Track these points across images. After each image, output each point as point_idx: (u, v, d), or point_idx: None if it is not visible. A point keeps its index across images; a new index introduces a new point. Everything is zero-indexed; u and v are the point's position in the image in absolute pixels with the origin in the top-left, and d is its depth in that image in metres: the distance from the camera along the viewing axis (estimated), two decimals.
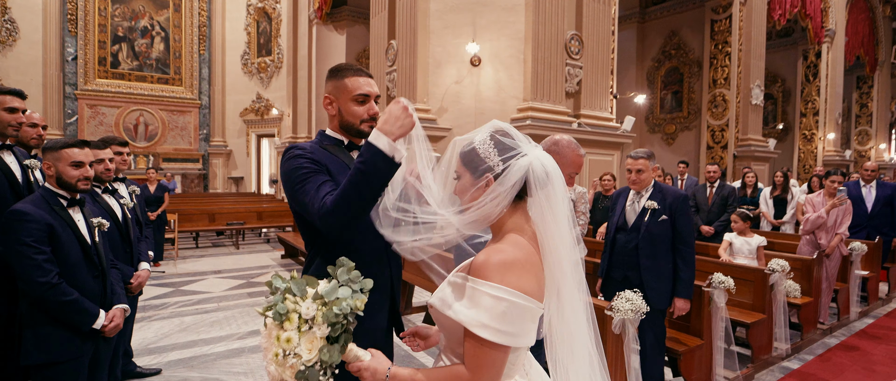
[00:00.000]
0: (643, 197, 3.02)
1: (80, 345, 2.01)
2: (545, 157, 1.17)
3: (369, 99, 1.58)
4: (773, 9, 11.28)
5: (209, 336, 4.43)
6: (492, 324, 1.03)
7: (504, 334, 1.03)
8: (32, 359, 1.91)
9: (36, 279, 1.87)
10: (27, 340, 1.92)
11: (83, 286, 2.03)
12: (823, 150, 13.91)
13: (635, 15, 12.70)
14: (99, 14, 15.16)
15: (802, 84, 14.11)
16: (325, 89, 1.63)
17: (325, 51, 13.03)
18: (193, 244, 9.65)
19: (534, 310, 1.07)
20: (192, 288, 6.16)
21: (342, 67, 1.60)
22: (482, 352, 1.05)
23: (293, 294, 1.05)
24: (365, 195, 1.32)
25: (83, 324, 2.00)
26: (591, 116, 7.19)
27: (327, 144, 1.60)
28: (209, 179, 16.99)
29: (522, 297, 1.05)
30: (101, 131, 15.05)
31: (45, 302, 1.92)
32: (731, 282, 3.16)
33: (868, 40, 16.00)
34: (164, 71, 16.29)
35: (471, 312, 1.05)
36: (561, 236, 1.14)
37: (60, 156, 2.05)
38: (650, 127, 12.72)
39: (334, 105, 1.60)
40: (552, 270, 1.14)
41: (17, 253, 1.87)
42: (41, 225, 1.92)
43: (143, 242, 3.05)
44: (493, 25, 6.87)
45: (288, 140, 14.00)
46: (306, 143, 1.58)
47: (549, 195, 1.14)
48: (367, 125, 1.58)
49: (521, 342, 1.08)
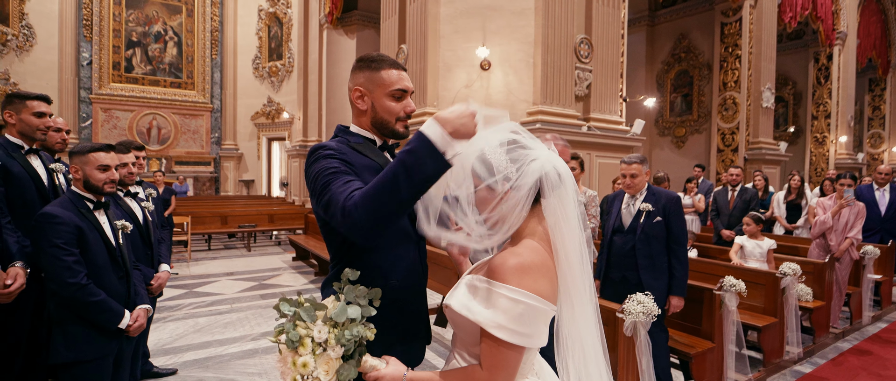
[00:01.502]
0: (638, 200, 3.15)
1: (106, 344, 2.08)
2: (556, 159, 1.18)
3: (406, 95, 1.41)
4: (783, 11, 11.22)
5: (223, 337, 4.51)
6: (509, 325, 1.06)
7: (520, 335, 1.07)
8: (61, 358, 1.97)
9: (66, 280, 1.94)
10: (56, 339, 1.98)
11: (109, 287, 2.10)
12: (835, 153, 13.77)
13: (644, 18, 12.68)
14: (113, 19, 15.43)
15: (814, 87, 13.99)
16: (353, 81, 1.44)
17: (335, 55, 13.15)
18: (205, 246, 9.77)
19: (548, 312, 1.10)
20: (205, 290, 6.25)
21: (377, 58, 1.41)
22: (498, 352, 1.08)
23: (302, 320, 1.05)
24: (402, 193, 1.11)
25: (110, 323, 2.07)
26: (600, 119, 7.20)
27: (355, 142, 1.41)
28: (220, 182, 17.19)
29: (538, 300, 1.08)
30: (115, 135, 15.30)
31: (74, 302, 1.98)
32: (742, 285, 3.17)
33: (880, 42, 15.83)
34: (176, 75, 16.53)
35: (488, 313, 1.08)
36: (573, 238, 1.16)
37: (88, 160, 2.12)
38: (660, 130, 12.68)
39: (366, 99, 1.41)
40: (564, 272, 1.16)
41: (48, 255, 1.94)
42: (71, 227, 1.98)
43: (163, 244, 3.12)
44: (503, 29, 6.92)
45: (299, 143, 14.13)
46: (332, 142, 1.40)
47: (562, 197, 1.15)
48: (402, 125, 1.42)
49: (536, 343, 1.11)
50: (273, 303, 5.37)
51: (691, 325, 3.35)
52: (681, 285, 3.00)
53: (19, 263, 2.17)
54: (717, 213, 5.81)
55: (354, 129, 1.46)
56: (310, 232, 8.53)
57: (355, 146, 1.39)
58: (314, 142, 13.87)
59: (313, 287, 6.43)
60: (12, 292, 2.09)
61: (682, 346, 3.15)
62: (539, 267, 1.11)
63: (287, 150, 15.28)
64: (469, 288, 1.16)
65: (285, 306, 1.08)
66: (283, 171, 16.95)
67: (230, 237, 10.98)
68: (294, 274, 7.28)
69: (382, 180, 1.13)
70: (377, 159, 1.39)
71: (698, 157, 11.43)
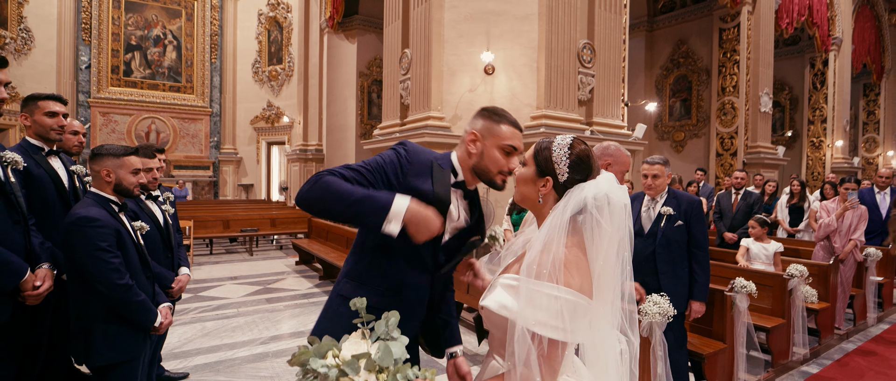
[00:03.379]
0: (658, 203, 3.06)
1: (142, 343, 2.10)
2: (609, 187, 1.22)
3: (515, 153, 1.52)
4: (780, 17, 11.36)
5: (232, 341, 4.50)
6: (550, 322, 1.09)
7: (560, 330, 1.09)
8: (104, 359, 1.98)
9: (116, 282, 1.94)
10: (97, 341, 1.97)
11: (142, 287, 2.11)
12: (832, 157, 13.91)
13: (643, 24, 12.80)
14: (112, 23, 15.41)
15: (810, 92, 14.15)
16: (472, 125, 1.55)
17: (336, 59, 13.19)
18: (207, 251, 9.74)
19: (585, 306, 1.13)
20: (210, 294, 6.24)
21: (501, 112, 1.54)
22: (544, 352, 1.10)
23: (344, 376, 0.93)
24: (345, 209, 1.35)
25: (149, 322, 2.09)
26: (603, 123, 7.26)
27: (442, 164, 1.55)
28: (219, 186, 17.15)
29: (576, 294, 1.11)
30: (114, 139, 15.25)
31: (121, 303, 1.99)
32: (753, 287, 3.21)
33: (875, 48, 16.03)
34: (175, 79, 16.51)
35: (528, 311, 1.10)
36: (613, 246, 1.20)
37: (123, 163, 2.13)
38: (659, 134, 12.77)
39: (478, 144, 1.52)
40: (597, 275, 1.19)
41: (94, 258, 1.93)
42: (111, 230, 1.99)
43: (182, 247, 3.13)
44: (506, 34, 6.97)
45: (299, 147, 14.12)
46: (423, 149, 1.57)
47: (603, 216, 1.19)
48: (502, 178, 1.53)
49: (577, 338, 1.14)
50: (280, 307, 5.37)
51: (703, 326, 3.38)
52: (703, 291, 2.94)
53: (46, 264, 2.18)
54: (720, 216, 5.86)
55: (453, 158, 1.59)
56: (313, 236, 8.53)
57: (435, 167, 1.53)
58: (315, 146, 13.89)
59: (318, 291, 6.44)
60: (41, 294, 2.10)
61: (694, 347, 3.18)
62: (574, 263, 1.15)
63: (287, 154, 15.28)
64: (506, 288, 1.18)
65: (317, 362, 0.93)
66: (282, 175, 16.93)
67: (231, 242, 10.96)
68: (298, 278, 7.28)
69: (348, 189, 1.37)
70: (439, 187, 1.51)
71: (697, 161, 11.52)
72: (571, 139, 1.28)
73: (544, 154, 1.28)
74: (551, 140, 1.29)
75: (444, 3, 7.08)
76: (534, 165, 1.30)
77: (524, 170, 1.33)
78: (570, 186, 1.25)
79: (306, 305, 5.75)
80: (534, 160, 1.30)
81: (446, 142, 6.67)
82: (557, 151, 1.26)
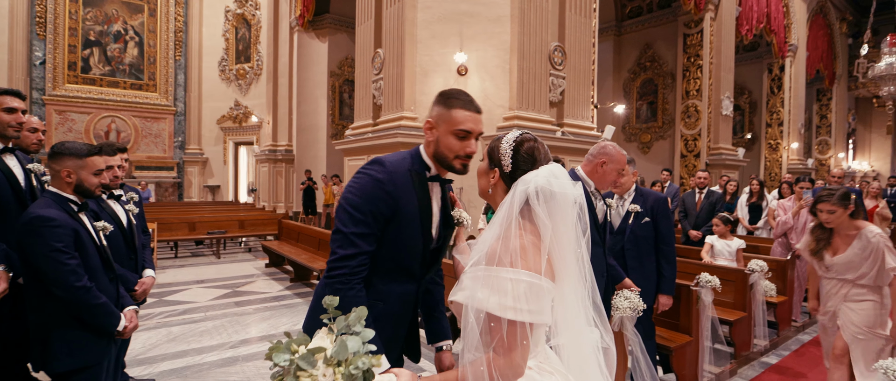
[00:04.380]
0: (626, 201, 3.16)
1: (105, 348, 2.02)
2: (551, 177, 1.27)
3: (470, 136, 1.49)
4: (741, 24, 11.84)
5: (200, 346, 4.37)
6: (516, 305, 1.14)
7: (527, 312, 1.14)
8: (64, 365, 1.89)
9: (73, 284, 1.86)
10: (56, 346, 1.89)
11: (103, 289, 2.03)
12: (788, 158, 14.58)
13: (612, 28, 13.12)
14: (69, 17, 14.74)
15: (768, 96, 14.80)
16: (430, 112, 1.55)
17: (306, 58, 12.99)
18: (172, 254, 9.42)
19: (549, 288, 1.19)
20: (175, 298, 6.04)
21: (454, 95, 1.51)
22: (512, 333, 1.15)
23: (303, 370, 0.99)
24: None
25: (111, 326, 2.00)
26: (573, 124, 7.40)
27: (416, 167, 1.53)
28: (184, 187, 16.62)
29: (535, 276, 1.17)
30: (71, 138, 14.57)
31: (79, 306, 1.90)
32: (717, 281, 3.33)
33: (827, 55, 16.90)
34: (137, 77, 15.91)
35: (494, 298, 1.15)
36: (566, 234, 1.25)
37: (85, 164, 2.04)
38: (627, 136, 13.11)
39: (434, 132, 1.52)
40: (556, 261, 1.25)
41: (50, 259, 1.84)
42: (68, 230, 1.91)
43: (147, 249, 3.02)
44: (479, 36, 7.02)
45: (268, 148, 13.84)
46: (397, 159, 1.52)
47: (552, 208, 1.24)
48: (460, 162, 1.51)
49: (543, 319, 1.19)
50: (249, 310, 5.26)
51: (671, 320, 3.49)
52: (670, 285, 3.06)
53: (1, 266, 2.07)
54: (685, 214, 6.06)
55: (422, 153, 1.57)
56: (283, 237, 8.37)
57: (412, 172, 1.52)
58: (285, 146, 13.65)
59: (290, 293, 6.32)
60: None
61: (662, 340, 3.28)
62: (529, 247, 1.20)
63: (256, 154, 14.94)
64: (472, 280, 1.21)
65: (280, 356, 0.99)
66: (251, 176, 16.55)
67: (197, 244, 10.64)
68: (268, 281, 7.12)
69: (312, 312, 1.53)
70: (420, 193, 1.51)
71: (664, 162, 11.88)
72: (520, 134, 1.37)
73: (493, 147, 1.38)
74: (502, 136, 1.39)
75: (417, 4, 7.08)
76: (487, 158, 1.40)
77: (481, 163, 1.43)
78: (516, 178, 1.30)
79: (277, 308, 5.64)
80: (487, 154, 1.40)
81: (419, 142, 6.65)
82: (505, 145, 1.35)
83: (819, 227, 2.88)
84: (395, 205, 1.45)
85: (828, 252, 2.84)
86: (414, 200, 1.49)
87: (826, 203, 2.72)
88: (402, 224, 1.46)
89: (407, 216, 1.47)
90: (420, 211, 1.49)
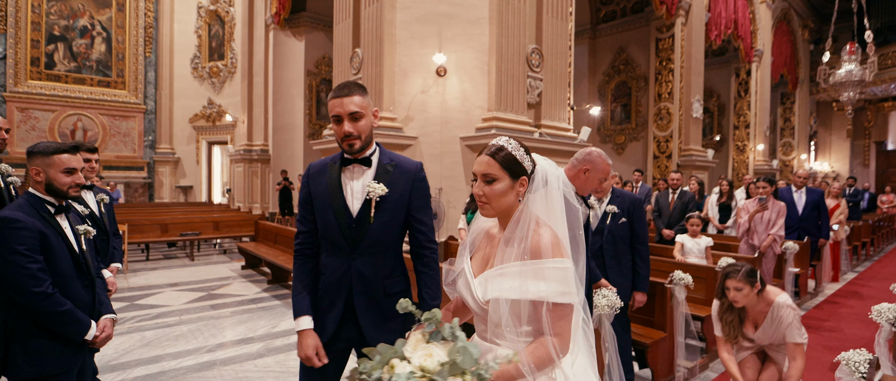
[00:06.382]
0: (604, 202, 3.27)
1: (71, 357, 1.94)
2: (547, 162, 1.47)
3: (342, 120, 1.69)
4: (710, 29, 12.22)
5: (175, 351, 4.28)
6: (565, 289, 1.27)
7: (571, 294, 1.29)
8: (23, 374, 1.82)
9: (31, 289, 1.79)
10: (16, 353, 1.83)
11: (75, 296, 1.96)
12: (754, 160, 15.11)
13: (587, 31, 13.36)
14: (32, 11, 14.16)
15: (735, 99, 15.31)
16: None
17: (282, 57, 12.81)
18: (143, 256, 9.17)
19: (573, 269, 1.33)
20: (148, 302, 5.89)
21: (343, 85, 1.73)
22: (563, 316, 1.28)
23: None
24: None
25: (77, 335, 1.93)
26: (550, 126, 7.52)
27: (335, 156, 1.83)
28: (155, 188, 16.16)
29: (569, 262, 1.31)
30: (35, 137, 14.02)
31: (38, 313, 1.84)
32: (689, 279, 3.45)
33: (790, 60, 17.60)
34: (105, 73, 15.40)
35: (545, 286, 1.27)
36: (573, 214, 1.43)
37: (52, 162, 1.98)
38: (602, 137, 13.37)
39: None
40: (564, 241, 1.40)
41: (10, 262, 1.79)
42: (33, 233, 1.85)
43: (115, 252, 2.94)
44: (458, 37, 7.06)
45: (243, 147, 13.59)
46: (330, 156, 1.85)
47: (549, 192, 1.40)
48: (346, 144, 1.71)
49: (578, 299, 1.34)
50: (226, 313, 5.18)
51: (646, 317, 3.60)
52: (645, 282, 3.17)
53: None
54: (659, 214, 6.23)
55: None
56: (260, 239, 8.25)
57: (329, 163, 1.82)
58: (260, 146, 13.42)
59: (267, 295, 6.23)
60: None
61: (638, 336, 3.38)
62: (557, 237, 1.34)
63: (230, 154, 14.64)
64: (512, 276, 1.30)
65: (401, 375, 0.93)
66: (225, 176, 16.21)
67: (170, 246, 10.37)
68: (245, 283, 7.01)
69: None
70: (329, 180, 1.78)
71: (637, 163, 12.16)
72: (505, 138, 1.43)
73: (508, 158, 1.38)
74: (501, 146, 1.40)
75: (395, 4, 7.07)
76: (504, 174, 1.37)
77: (497, 186, 1.36)
78: (532, 174, 1.42)
79: (254, 310, 5.56)
80: (502, 170, 1.37)
81: (398, 142, 6.67)
82: (517, 153, 1.39)
83: (728, 310, 2.72)
84: (309, 189, 1.80)
85: (748, 329, 2.73)
86: (323, 182, 1.77)
87: (732, 280, 2.61)
88: (315, 203, 1.78)
89: (318, 197, 1.77)
90: (329, 190, 1.75)
